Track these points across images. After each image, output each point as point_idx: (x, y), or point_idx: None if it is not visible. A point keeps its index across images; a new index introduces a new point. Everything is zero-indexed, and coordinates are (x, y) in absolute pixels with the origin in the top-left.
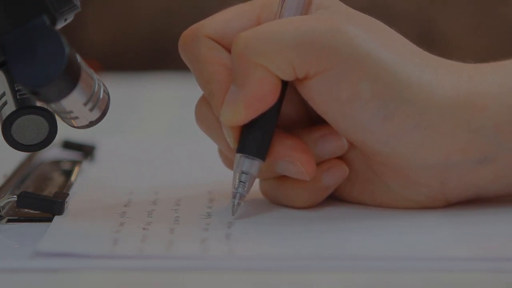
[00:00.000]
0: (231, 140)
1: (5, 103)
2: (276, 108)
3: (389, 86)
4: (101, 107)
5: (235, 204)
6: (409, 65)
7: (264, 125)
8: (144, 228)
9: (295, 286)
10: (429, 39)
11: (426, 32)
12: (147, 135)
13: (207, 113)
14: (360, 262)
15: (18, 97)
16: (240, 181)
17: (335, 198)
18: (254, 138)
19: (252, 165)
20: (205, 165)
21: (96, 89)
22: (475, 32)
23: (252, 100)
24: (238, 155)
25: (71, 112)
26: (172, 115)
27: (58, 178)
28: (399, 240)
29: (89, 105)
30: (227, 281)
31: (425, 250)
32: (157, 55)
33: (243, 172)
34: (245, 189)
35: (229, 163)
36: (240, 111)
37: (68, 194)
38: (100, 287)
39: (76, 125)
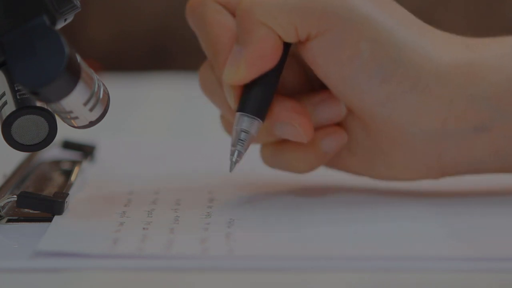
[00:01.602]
0: (232, 100)
1: (5, 103)
2: (277, 70)
3: (386, 48)
4: (101, 107)
5: (233, 161)
6: (406, 30)
7: (264, 86)
8: (144, 228)
9: (295, 286)
10: None
11: None
12: (147, 135)
13: (210, 77)
14: (360, 262)
15: (18, 97)
16: (239, 139)
17: (336, 169)
18: (255, 98)
19: (251, 124)
20: (205, 165)
21: (96, 89)
22: (475, 32)
23: (254, 58)
24: (238, 113)
25: (71, 112)
26: (172, 115)
27: (58, 178)
28: (399, 240)
29: (89, 105)
30: (227, 281)
31: (424, 250)
32: (157, 55)
33: (242, 131)
34: (243, 147)
35: (231, 129)
36: (243, 69)
37: (68, 194)
38: (100, 287)
39: (76, 125)
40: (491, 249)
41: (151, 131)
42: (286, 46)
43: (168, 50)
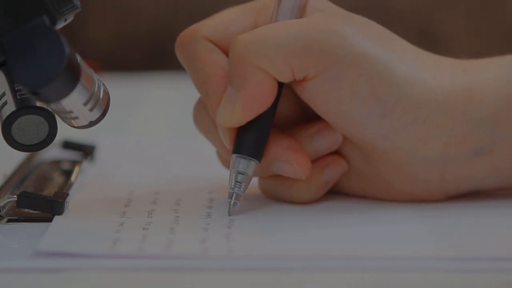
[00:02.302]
0: (227, 142)
1: (5, 103)
2: (272, 109)
3: (386, 82)
4: (101, 107)
5: (231, 204)
6: (404, 62)
7: (260, 126)
8: (144, 228)
9: (295, 286)
10: (429, 39)
11: (426, 32)
12: (147, 135)
13: (204, 115)
14: (360, 262)
15: (18, 97)
16: (237, 181)
17: (335, 192)
18: (250, 139)
19: (248, 165)
20: (205, 165)
21: (96, 89)
22: (475, 32)
23: (250, 102)
24: (234, 155)
25: (71, 112)
26: (172, 115)
27: (58, 178)
28: (398, 241)
29: (89, 105)
30: (227, 281)
31: (423, 250)
32: (157, 55)
33: (239, 173)
34: (241, 189)
35: (228, 164)
36: (238, 112)
37: (68, 194)
38: (100, 287)
39: (76, 125)
40: (490, 249)
41: (151, 131)
42: (280, 84)
43: (168, 50)
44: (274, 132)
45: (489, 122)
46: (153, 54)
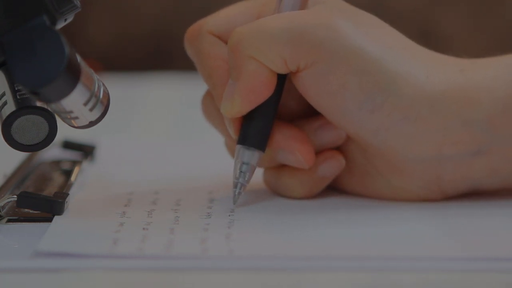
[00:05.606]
0: (232, 132)
1: (5, 103)
2: (275, 99)
3: (375, 79)
4: (101, 107)
5: (236, 193)
6: (398, 59)
7: (263, 117)
8: (144, 228)
9: (295, 286)
10: (429, 39)
11: (426, 32)
12: (147, 135)
13: (211, 106)
14: (360, 262)
15: (18, 97)
16: (241, 171)
17: (336, 189)
18: (254, 129)
19: (252, 156)
20: (205, 165)
21: (96, 89)
22: (475, 32)
23: (247, 92)
24: (239, 146)
25: (71, 112)
26: (172, 115)
27: (58, 178)
28: (399, 240)
29: (89, 105)
30: (227, 281)
31: (423, 250)
32: (157, 55)
33: (243, 163)
34: (246, 179)
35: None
36: (237, 103)
37: (68, 194)
38: (100, 287)
39: (76, 125)
40: (490, 249)
41: (151, 131)
42: (282, 75)
43: (168, 50)
44: (279, 121)
45: (486, 123)
46: (153, 54)
